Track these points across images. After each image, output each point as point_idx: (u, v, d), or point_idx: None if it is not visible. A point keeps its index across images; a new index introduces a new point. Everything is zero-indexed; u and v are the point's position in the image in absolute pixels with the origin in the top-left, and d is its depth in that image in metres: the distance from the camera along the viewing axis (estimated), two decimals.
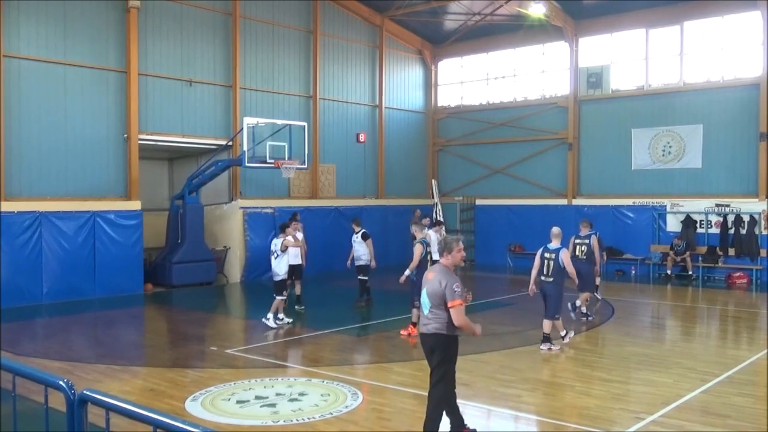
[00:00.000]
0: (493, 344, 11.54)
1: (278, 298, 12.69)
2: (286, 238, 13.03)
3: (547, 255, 10.77)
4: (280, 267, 12.87)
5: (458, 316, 6.15)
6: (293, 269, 14.10)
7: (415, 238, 12.47)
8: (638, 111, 21.73)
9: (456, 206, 26.00)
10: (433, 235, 14.82)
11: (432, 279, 6.35)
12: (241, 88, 20.08)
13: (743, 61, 20.07)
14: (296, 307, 14.42)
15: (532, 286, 10.94)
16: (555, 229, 11.01)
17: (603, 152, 22.54)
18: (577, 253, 13.22)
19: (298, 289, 14.72)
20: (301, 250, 14.62)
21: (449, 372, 6.43)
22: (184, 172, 20.17)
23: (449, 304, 6.15)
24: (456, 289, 6.14)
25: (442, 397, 6.40)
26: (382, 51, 24.43)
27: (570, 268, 10.74)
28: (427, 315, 6.38)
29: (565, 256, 10.69)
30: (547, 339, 10.75)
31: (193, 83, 19.02)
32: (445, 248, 6.51)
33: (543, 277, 10.77)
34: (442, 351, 6.34)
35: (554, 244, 10.85)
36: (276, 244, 13.02)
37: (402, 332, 11.79)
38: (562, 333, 11.02)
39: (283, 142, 18.18)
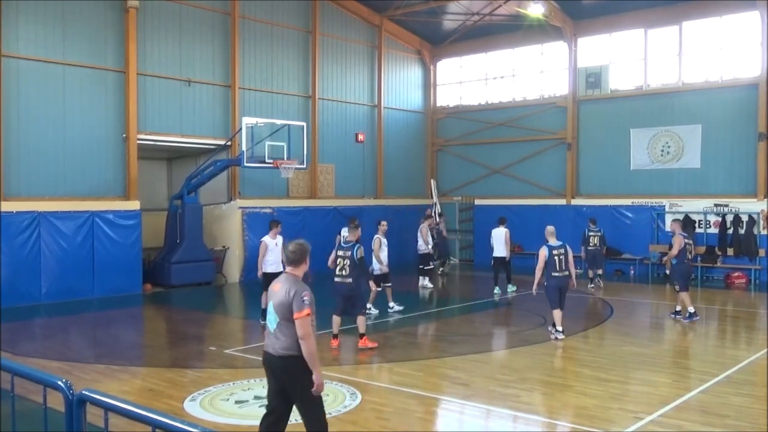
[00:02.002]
0: (491, 344, 11.56)
1: (387, 286, 14.07)
2: (379, 237, 13.79)
3: (555, 252, 11.31)
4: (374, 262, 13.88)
5: (304, 327, 5.28)
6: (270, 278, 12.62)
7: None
8: (637, 111, 21.74)
9: (455, 206, 26.01)
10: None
11: (279, 290, 5.50)
12: (240, 88, 20.08)
13: (742, 61, 20.07)
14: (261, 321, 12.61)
15: (536, 287, 11.49)
16: (551, 228, 11.75)
17: (602, 152, 22.55)
18: (687, 253, 13.11)
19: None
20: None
21: (322, 408, 5.48)
22: (183, 172, 20.17)
23: (295, 315, 5.30)
24: (305, 298, 5.33)
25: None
26: (381, 51, 24.43)
27: (572, 261, 11.52)
28: (274, 332, 5.46)
29: (571, 252, 11.49)
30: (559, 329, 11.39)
31: (191, 83, 19.02)
32: (302, 256, 5.61)
33: (559, 273, 11.29)
34: (298, 376, 5.35)
35: (555, 241, 11.49)
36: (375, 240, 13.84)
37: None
38: (560, 328, 11.42)
39: (282, 142, 18.17)
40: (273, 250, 12.91)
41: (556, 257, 11.28)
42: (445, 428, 7.78)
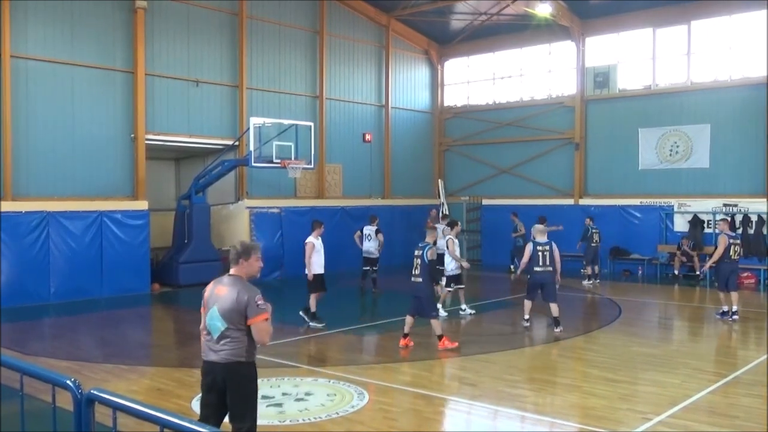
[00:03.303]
0: (499, 344, 11.53)
1: (449, 290, 13.88)
2: (451, 238, 13.54)
3: (540, 248, 11.95)
4: (449, 263, 13.77)
5: (266, 334, 5.14)
6: (321, 279, 12.75)
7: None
8: (645, 111, 21.65)
9: (462, 206, 25.97)
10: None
11: (225, 294, 5.21)
12: (247, 88, 20.12)
13: (751, 60, 19.94)
14: (312, 324, 12.66)
15: (519, 273, 12.67)
16: (540, 226, 12.54)
17: (610, 152, 22.48)
18: (731, 253, 12.86)
19: (313, 304, 12.76)
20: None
21: (255, 412, 5.23)
22: (191, 172, 20.21)
23: (252, 320, 5.07)
24: (259, 302, 5.10)
25: None
26: (388, 51, 24.42)
27: (559, 260, 12.12)
28: (216, 339, 5.16)
29: (556, 249, 12.08)
30: (557, 321, 11.88)
31: (199, 83, 19.07)
32: (242, 254, 5.33)
33: (541, 269, 11.94)
34: (241, 384, 5.15)
35: (542, 238, 12.14)
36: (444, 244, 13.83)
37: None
38: (527, 317, 12.41)
39: (289, 142, 18.20)
40: (319, 250, 12.62)
41: (540, 253, 11.92)
42: (452, 428, 7.78)
